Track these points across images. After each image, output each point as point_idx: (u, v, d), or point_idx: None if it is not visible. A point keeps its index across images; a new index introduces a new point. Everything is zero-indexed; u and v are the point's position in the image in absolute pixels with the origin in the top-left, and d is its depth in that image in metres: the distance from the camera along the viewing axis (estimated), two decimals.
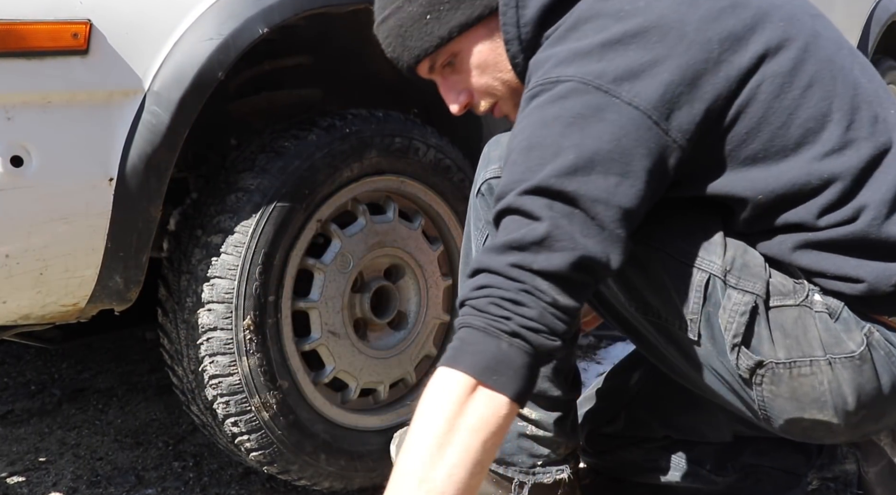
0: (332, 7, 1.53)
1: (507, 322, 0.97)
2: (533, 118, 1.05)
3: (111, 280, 1.37)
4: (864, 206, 1.06)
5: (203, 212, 1.52)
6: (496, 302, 0.98)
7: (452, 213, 1.79)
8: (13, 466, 1.89)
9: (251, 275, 1.48)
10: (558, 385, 1.35)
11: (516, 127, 1.08)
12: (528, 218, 1.00)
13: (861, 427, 1.13)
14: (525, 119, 1.06)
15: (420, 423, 0.97)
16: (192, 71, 1.35)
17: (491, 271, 1.00)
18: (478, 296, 1.00)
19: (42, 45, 1.22)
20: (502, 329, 0.97)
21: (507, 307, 0.98)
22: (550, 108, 1.03)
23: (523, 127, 1.06)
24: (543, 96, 1.05)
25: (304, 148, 1.54)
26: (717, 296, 1.11)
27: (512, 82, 1.22)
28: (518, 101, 1.20)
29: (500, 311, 0.98)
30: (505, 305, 0.98)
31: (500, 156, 1.28)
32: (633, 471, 1.54)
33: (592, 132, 1.01)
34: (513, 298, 0.98)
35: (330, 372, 1.65)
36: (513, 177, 1.03)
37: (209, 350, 1.49)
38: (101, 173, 1.30)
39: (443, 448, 0.94)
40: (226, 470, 1.84)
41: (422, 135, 1.71)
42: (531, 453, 1.38)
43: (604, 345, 2.54)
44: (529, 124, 1.05)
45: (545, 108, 1.04)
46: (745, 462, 1.42)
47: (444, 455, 0.94)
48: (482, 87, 1.24)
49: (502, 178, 1.06)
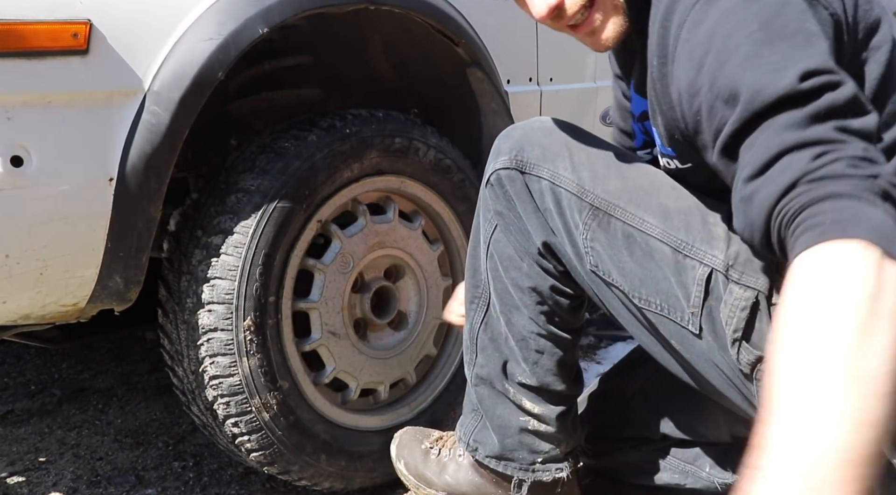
0: (332, 7, 1.53)
1: (878, 180, 0.80)
2: (751, 9, 0.92)
3: (111, 280, 1.37)
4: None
5: (203, 213, 1.52)
6: (853, 163, 0.80)
7: (452, 213, 1.79)
8: (13, 466, 1.89)
9: (251, 276, 1.48)
10: (563, 379, 1.36)
11: (719, 27, 0.92)
12: (829, 85, 0.85)
13: None
14: (737, 14, 0.92)
15: (827, 303, 0.72)
16: (192, 71, 1.35)
17: (814, 142, 0.82)
18: (823, 163, 0.80)
19: (42, 45, 1.22)
20: (875, 191, 0.79)
21: (865, 166, 0.81)
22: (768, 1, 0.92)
23: (742, 20, 0.91)
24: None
25: (304, 148, 1.54)
26: (718, 290, 1.11)
27: None
28: (619, 5, 1.10)
29: (862, 171, 0.80)
30: (863, 164, 0.81)
31: (510, 148, 1.28)
32: (632, 473, 1.54)
33: (819, 14, 0.93)
34: (864, 156, 0.81)
35: (330, 372, 1.65)
36: (771, 71, 0.86)
37: (209, 350, 1.49)
38: (101, 173, 1.30)
39: (870, 336, 0.70)
40: (226, 470, 1.84)
41: (422, 136, 1.71)
42: (532, 449, 1.38)
43: (604, 345, 2.54)
44: (752, 16, 0.91)
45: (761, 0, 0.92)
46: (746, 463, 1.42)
47: (872, 344, 0.70)
48: None
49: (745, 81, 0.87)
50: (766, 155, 0.84)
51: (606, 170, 1.23)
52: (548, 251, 1.28)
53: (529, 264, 1.29)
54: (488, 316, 1.36)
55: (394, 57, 1.89)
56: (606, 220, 1.21)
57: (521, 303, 1.31)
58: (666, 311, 1.17)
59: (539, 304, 1.31)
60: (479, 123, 1.87)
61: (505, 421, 1.38)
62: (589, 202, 1.21)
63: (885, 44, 1.04)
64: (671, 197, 1.20)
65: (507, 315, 1.33)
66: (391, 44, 1.86)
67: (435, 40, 1.72)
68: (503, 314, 1.33)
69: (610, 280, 1.21)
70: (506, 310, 1.33)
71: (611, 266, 1.21)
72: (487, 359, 1.37)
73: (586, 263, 1.23)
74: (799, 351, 0.72)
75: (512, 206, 1.28)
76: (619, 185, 1.21)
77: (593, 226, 1.21)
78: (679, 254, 1.16)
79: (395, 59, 1.90)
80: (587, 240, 1.22)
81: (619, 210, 1.20)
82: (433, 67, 1.85)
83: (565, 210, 1.24)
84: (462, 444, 1.45)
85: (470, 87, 1.81)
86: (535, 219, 1.27)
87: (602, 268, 1.22)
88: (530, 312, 1.31)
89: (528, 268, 1.29)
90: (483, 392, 1.39)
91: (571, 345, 1.36)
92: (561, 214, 1.24)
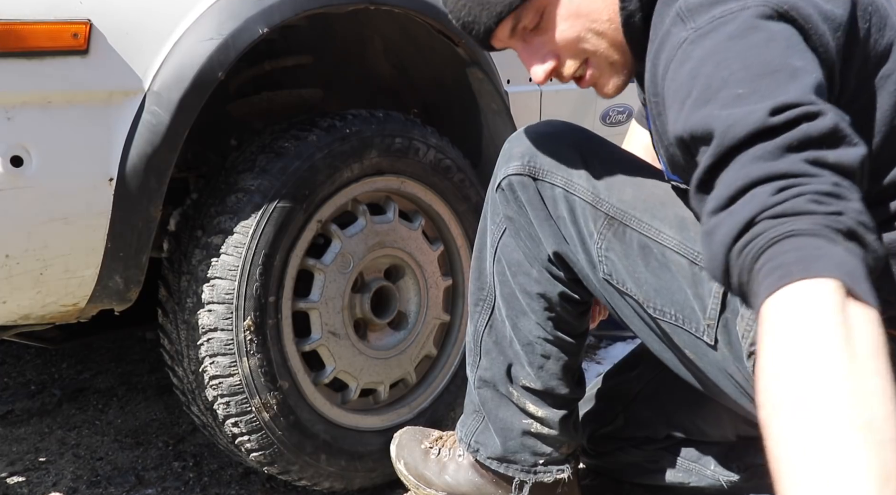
0: (332, 7, 1.53)
1: (840, 217, 0.76)
2: (734, 49, 0.89)
3: (111, 280, 1.37)
4: None
5: (203, 213, 1.52)
6: (816, 199, 0.76)
7: (452, 214, 1.79)
8: (13, 466, 1.89)
9: (251, 276, 1.48)
10: (567, 383, 1.36)
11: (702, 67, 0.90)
12: (810, 115, 0.82)
13: None
14: (719, 54, 0.90)
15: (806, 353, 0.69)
16: (192, 71, 1.35)
17: (779, 175, 0.79)
18: (784, 198, 0.77)
19: (42, 45, 1.22)
20: (838, 228, 0.75)
21: (830, 203, 0.76)
22: (755, 34, 0.89)
23: (724, 60, 0.89)
24: (732, 25, 0.91)
25: (304, 148, 1.54)
26: (735, 303, 1.10)
27: (609, 34, 1.10)
28: (616, 61, 1.11)
29: (825, 208, 0.76)
30: (827, 200, 0.77)
31: (522, 153, 1.27)
32: (635, 473, 1.54)
33: (806, 52, 0.89)
34: (831, 192, 0.77)
35: (330, 372, 1.65)
36: (748, 106, 0.83)
37: (209, 350, 1.49)
38: (101, 173, 1.30)
39: (860, 379, 0.68)
40: (226, 470, 1.84)
41: (422, 136, 1.70)
42: (534, 451, 1.38)
43: (604, 345, 2.54)
44: (735, 55, 0.88)
45: (748, 35, 0.89)
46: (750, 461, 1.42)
47: (864, 387, 0.67)
48: (571, 42, 1.11)
49: (720, 118, 0.85)
50: (732, 188, 0.81)
51: (621, 178, 1.23)
52: (558, 258, 1.27)
53: (539, 270, 1.29)
54: (493, 319, 1.36)
55: (394, 57, 1.89)
56: (622, 230, 1.20)
57: (529, 308, 1.31)
58: (681, 322, 1.16)
59: (547, 310, 1.31)
60: (480, 123, 1.87)
61: (507, 423, 1.38)
62: (604, 211, 1.21)
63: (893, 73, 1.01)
64: (686, 207, 1.19)
65: (514, 319, 1.33)
66: (391, 44, 1.86)
67: (435, 40, 1.72)
68: (509, 318, 1.33)
69: (624, 289, 1.21)
70: (512, 314, 1.33)
71: (625, 275, 1.20)
72: (491, 362, 1.37)
73: (599, 272, 1.22)
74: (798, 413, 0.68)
75: (523, 212, 1.28)
76: (634, 195, 1.21)
77: (608, 235, 1.21)
78: (696, 265, 1.15)
79: (395, 59, 1.90)
80: (602, 250, 1.21)
81: (634, 220, 1.19)
82: (433, 67, 1.85)
83: (579, 218, 1.23)
84: (463, 445, 1.45)
85: (470, 87, 1.81)
86: (548, 227, 1.26)
87: (616, 278, 1.21)
88: (537, 317, 1.31)
89: (538, 274, 1.29)
90: (486, 394, 1.39)
91: (577, 349, 1.36)
92: (574, 223, 1.24)
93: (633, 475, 1.54)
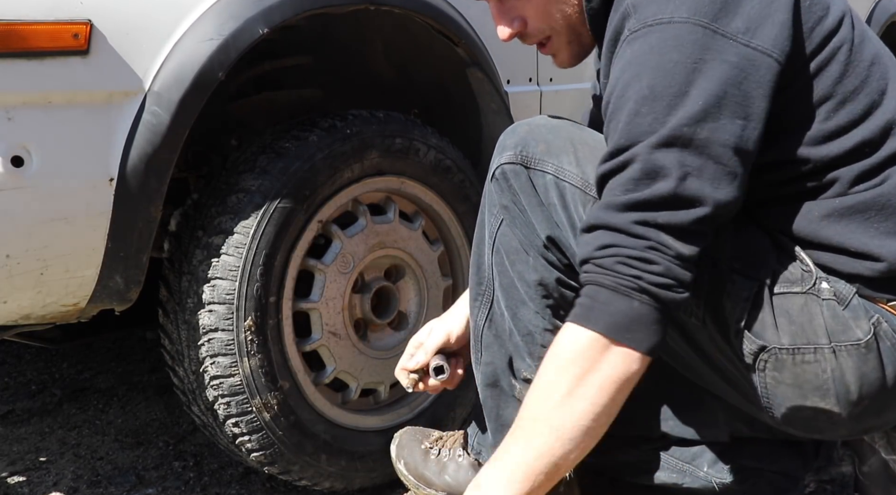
0: (332, 7, 1.53)
1: (637, 280, 1.00)
2: (649, 63, 1.03)
3: (112, 280, 1.37)
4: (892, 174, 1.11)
5: (204, 213, 1.52)
6: (623, 261, 1.00)
7: (453, 214, 1.79)
8: (14, 466, 1.89)
9: (252, 276, 1.48)
10: None
11: (624, 71, 1.05)
12: (654, 173, 1.00)
13: (863, 420, 1.14)
14: (637, 64, 1.04)
15: (550, 377, 1.04)
16: (192, 71, 1.35)
17: (612, 228, 1.02)
18: (603, 255, 1.02)
19: (42, 46, 1.22)
20: (633, 287, 1.00)
21: (635, 265, 1.00)
22: (668, 53, 1.02)
23: (637, 73, 1.03)
24: (653, 37, 1.03)
25: (304, 149, 1.54)
26: (722, 280, 1.12)
27: (573, 18, 1.21)
28: (572, 40, 1.24)
29: (628, 270, 1.00)
30: (633, 264, 1.00)
31: (514, 143, 1.29)
32: (631, 472, 1.54)
33: (716, 75, 1.00)
34: (640, 256, 1.00)
35: (331, 372, 1.65)
36: (639, 128, 1.02)
37: (210, 351, 1.49)
38: (101, 173, 1.30)
39: (572, 398, 1.02)
40: (226, 470, 1.85)
41: (422, 136, 1.71)
42: None
43: None
44: (646, 70, 1.03)
45: (662, 52, 1.02)
46: (743, 464, 1.42)
47: (574, 405, 1.02)
48: (541, 15, 1.22)
49: (621, 129, 1.03)
50: (588, 221, 1.06)
51: None
52: (553, 244, 1.28)
53: (535, 257, 1.30)
54: (492, 312, 1.36)
55: (394, 57, 1.89)
56: None
57: (528, 296, 1.31)
58: None
59: (545, 298, 1.31)
60: (480, 124, 1.87)
61: (509, 422, 1.38)
62: (593, 196, 1.22)
63: (844, 43, 1.10)
64: None
65: (513, 309, 1.33)
66: (391, 44, 1.86)
67: (435, 40, 1.72)
68: (508, 309, 1.33)
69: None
70: (511, 304, 1.33)
71: None
72: (493, 356, 1.37)
73: None
74: (532, 401, 1.07)
75: (517, 200, 1.29)
76: None
77: None
78: None
79: (395, 60, 1.90)
80: None
81: None
82: (433, 68, 1.85)
83: (569, 204, 1.24)
84: (469, 446, 1.45)
85: (470, 87, 1.82)
86: (540, 213, 1.27)
87: None
88: (536, 306, 1.31)
89: (534, 260, 1.30)
90: (489, 394, 1.39)
91: None
92: (565, 208, 1.25)
93: (628, 474, 1.54)
